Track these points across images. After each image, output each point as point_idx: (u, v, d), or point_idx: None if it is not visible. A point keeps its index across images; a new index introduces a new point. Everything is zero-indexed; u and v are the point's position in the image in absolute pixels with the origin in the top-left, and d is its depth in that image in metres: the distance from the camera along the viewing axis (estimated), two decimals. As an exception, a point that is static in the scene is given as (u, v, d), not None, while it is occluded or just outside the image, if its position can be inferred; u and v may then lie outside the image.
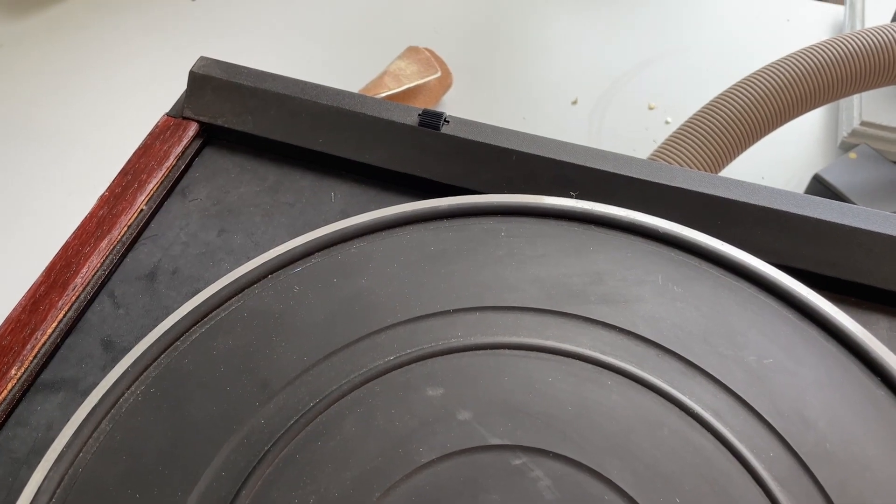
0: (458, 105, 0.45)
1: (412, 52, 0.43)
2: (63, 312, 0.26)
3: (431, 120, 0.30)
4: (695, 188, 0.27)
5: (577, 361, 0.22)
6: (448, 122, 0.30)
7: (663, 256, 0.24)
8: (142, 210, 0.29)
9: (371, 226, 0.26)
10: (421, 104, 0.43)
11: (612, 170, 0.28)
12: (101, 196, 0.29)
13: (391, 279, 0.24)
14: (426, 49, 0.43)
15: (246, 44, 0.49)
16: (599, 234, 0.25)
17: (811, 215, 0.25)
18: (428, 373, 0.22)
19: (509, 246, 0.25)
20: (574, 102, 0.46)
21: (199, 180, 0.31)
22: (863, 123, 0.41)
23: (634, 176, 0.27)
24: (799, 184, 0.41)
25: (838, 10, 0.53)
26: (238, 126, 0.32)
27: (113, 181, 0.30)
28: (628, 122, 0.45)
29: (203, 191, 0.31)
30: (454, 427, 0.20)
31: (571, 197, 0.27)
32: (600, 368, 0.21)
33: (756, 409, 0.20)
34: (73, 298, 0.27)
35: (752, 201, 0.26)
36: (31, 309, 0.27)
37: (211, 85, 0.32)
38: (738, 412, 0.20)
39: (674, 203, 0.27)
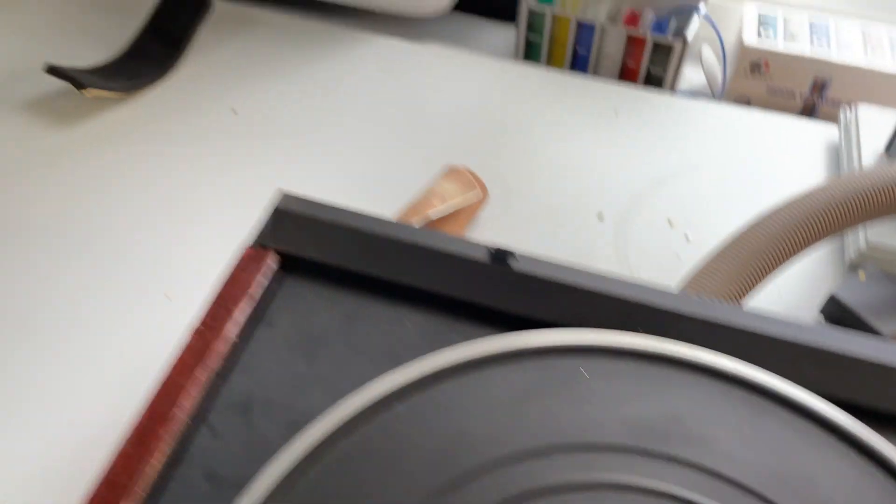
0: (494, 220, 0.48)
1: (453, 172, 0.46)
2: (167, 444, 0.28)
3: (501, 256, 0.33)
4: (758, 329, 0.30)
5: (669, 500, 0.24)
6: (516, 258, 0.33)
7: (733, 395, 0.27)
8: (234, 342, 0.31)
9: (460, 361, 0.28)
10: (462, 221, 0.46)
11: (672, 307, 0.31)
12: (197, 329, 0.31)
13: (483, 417, 0.26)
14: (467, 170, 0.47)
15: (286, 159, 0.52)
16: (673, 372, 0.28)
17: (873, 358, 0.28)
18: (534, 513, 0.24)
19: (589, 384, 0.27)
20: (600, 217, 0.49)
21: (282, 310, 0.33)
22: (869, 246, 0.45)
23: (695, 314, 0.30)
24: (813, 302, 0.45)
25: (833, 129, 0.58)
26: (317, 257, 0.34)
27: (207, 314, 0.31)
28: (651, 238, 0.49)
29: (287, 320, 0.33)
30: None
31: (638, 332, 0.29)
32: (692, 508, 0.24)
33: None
34: (176, 430, 0.28)
35: (813, 342, 0.29)
36: (137, 442, 0.28)
37: (292, 218, 0.35)
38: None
39: (735, 342, 0.30)
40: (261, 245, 0.35)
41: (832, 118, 0.63)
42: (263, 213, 0.35)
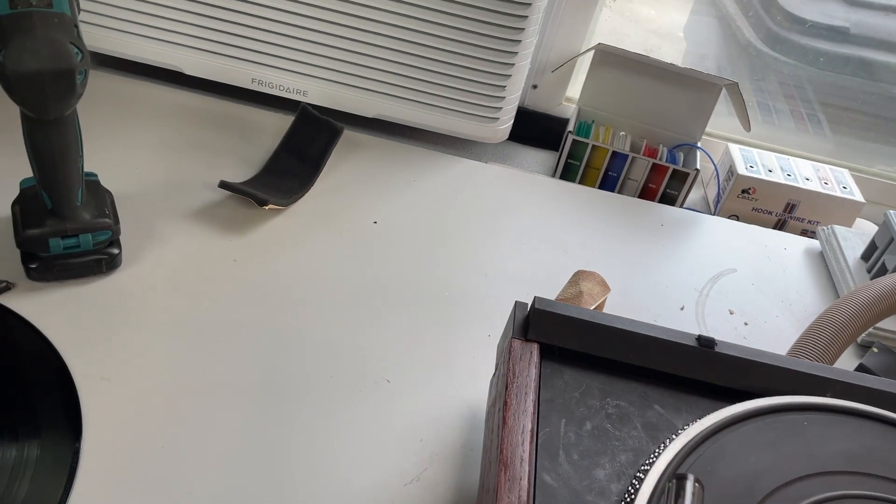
0: (608, 309, 0.61)
1: (589, 275, 0.59)
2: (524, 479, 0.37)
3: (708, 342, 0.45)
4: (878, 386, 0.44)
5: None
6: (717, 343, 0.46)
7: (884, 431, 0.41)
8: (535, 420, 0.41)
9: (730, 419, 0.40)
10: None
11: (824, 375, 0.45)
12: (505, 423, 0.41)
13: (757, 454, 0.39)
14: (596, 273, 0.59)
15: (419, 259, 0.62)
16: (860, 421, 0.41)
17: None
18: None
19: (810, 431, 0.40)
20: (682, 309, 0.64)
21: (551, 387, 0.43)
22: (875, 327, 0.63)
23: (845, 379, 0.45)
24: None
25: (804, 240, 0.77)
26: (569, 346, 0.45)
27: (502, 413, 0.41)
28: (721, 323, 0.63)
29: (559, 398, 0.43)
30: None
31: (828, 396, 0.43)
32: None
33: None
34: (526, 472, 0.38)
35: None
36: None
37: (546, 317, 0.45)
38: None
39: (869, 395, 0.44)
40: (524, 338, 0.45)
41: (797, 230, 0.83)
42: (516, 311, 0.46)
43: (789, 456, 0.39)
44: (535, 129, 0.87)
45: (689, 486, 0.33)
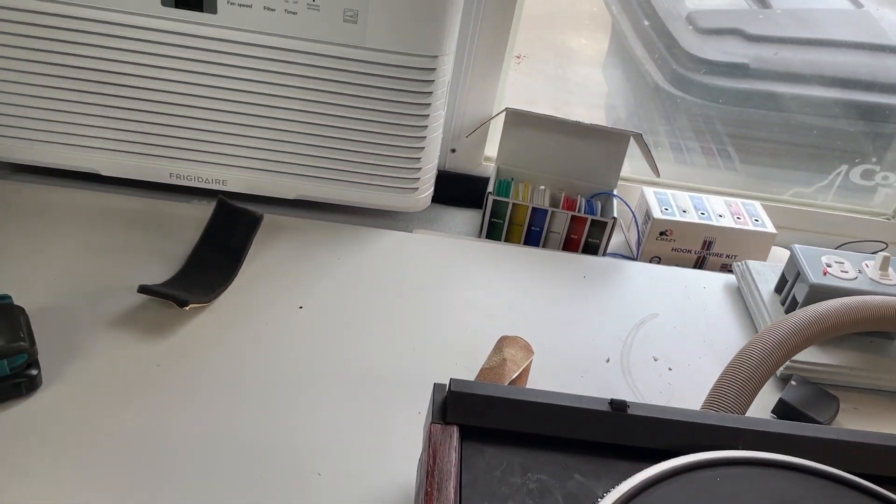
0: (537, 372, 0.63)
1: (512, 341, 0.60)
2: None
3: (619, 405, 0.47)
4: (792, 432, 0.46)
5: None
6: (629, 405, 0.47)
7: (810, 481, 0.43)
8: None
9: (644, 483, 0.42)
10: (525, 378, 0.60)
11: (734, 425, 0.47)
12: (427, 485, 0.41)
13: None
14: (520, 337, 0.61)
15: (347, 344, 0.63)
16: (777, 472, 0.43)
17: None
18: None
19: (722, 487, 0.42)
20: (608, 361, 0.66)
21: (473, 469, 0.44)
22: (791, 361, 0.65)
23: (753, 428, 0.47)
24: (766, 406, 0.63)
25: (721, 276, 0.80)
26: (487, 425, 0.46)
27: (427, 494, 0.42)
28: (646, 372, 0.65)
29: (481, 480, 0.44)
30: None
31: (738, 448, 0.45)
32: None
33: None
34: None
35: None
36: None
37: (464, 398, 0.46)
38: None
39: (782, 443, 0.46)
40: (444, 421, 0.46)
41: (716, 265, 0.86)
42: (435, 393, 0.47)
43: (701, 514, 0.41)
44: (458, 189, 0.90)
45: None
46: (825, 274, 0.67)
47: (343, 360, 0.61)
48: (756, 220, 0.85)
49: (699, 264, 0.86)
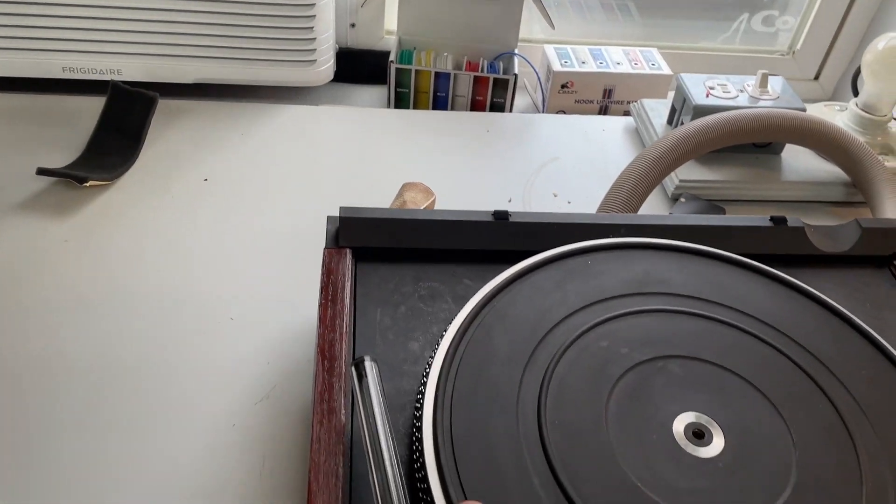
0: (441, 217, 0.65)
1: (412, 185, 0.63)
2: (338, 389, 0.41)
3: (502, 215, 0.50)
4: (671, 222, 0.50)
5: (657, 314, 0.43)
6: (511, 215, 0.50)
7: (673, 256, 0.47)
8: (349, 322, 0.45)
9: (522, 270, 0.45)
10: (425, 220, 0.63)
11: (608, 221, 0.50)
12: (322, 321, 0.44)
13: (544, 297, 0.44)
14: (420, 182, 0.63)
15: (251, 211, 0.65)
16: (639, 252, 0.47)
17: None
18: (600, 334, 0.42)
19: (593, 268, 0.46)
20: (509, 201, 0.69)
21: (367, 283, 0.47)
22: (681, 181, 0.69)
23: (631, 222, 0.50)
24: (661, 221, 0.67)
25: (622, 120, 0.83)
26: (378, 245, 0.49)
27: (320, 313, 0.45)
28: (546, 207, 0.69)
29: (375, 292, 0.47)
30: (619, 355, 0.40)
31: (614, 236, 0.48)
32: (684, 315, 0.43)
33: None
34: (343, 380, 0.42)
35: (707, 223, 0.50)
36: (326, 370, 0.41)
37: (353, 222, 0.49)
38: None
39: (663, 231, 0.50)
40: (337, 246, 0.48)
41: (619, 112, 0.89)
42: (328, 224, 0.49)
43: (574, 291, 0.45)
44: (362, 66, 0.90)
45: (368, 365, 0.37)
46: (707, 96, 0.70)
47: (251, 224, 0.63)
48: (653, 65, 0.87)
49: (602, 113, 0.88)
